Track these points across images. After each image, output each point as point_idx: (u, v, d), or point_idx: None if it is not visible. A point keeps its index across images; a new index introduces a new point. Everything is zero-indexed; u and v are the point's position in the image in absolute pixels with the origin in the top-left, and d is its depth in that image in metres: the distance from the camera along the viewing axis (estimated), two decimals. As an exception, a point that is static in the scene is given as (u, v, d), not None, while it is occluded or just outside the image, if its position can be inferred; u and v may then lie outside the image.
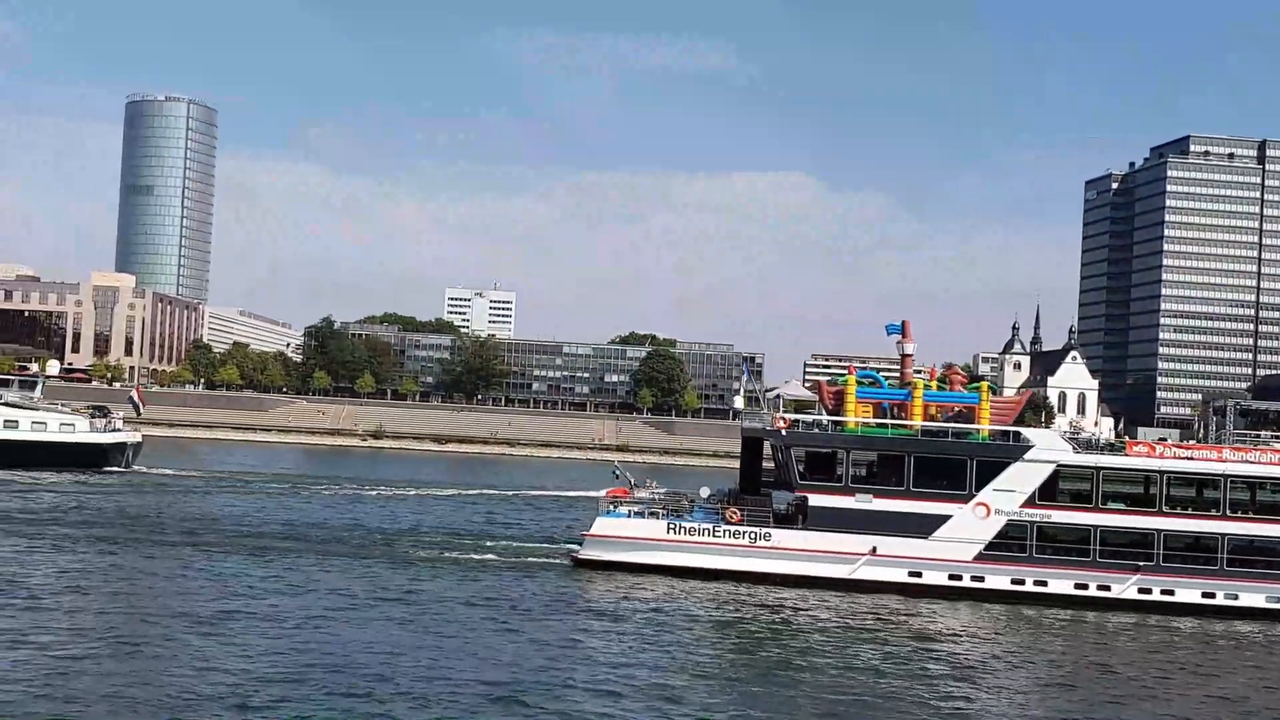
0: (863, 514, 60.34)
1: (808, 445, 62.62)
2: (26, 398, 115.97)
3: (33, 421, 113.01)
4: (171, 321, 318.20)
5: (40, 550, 61.40)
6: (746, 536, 60.70)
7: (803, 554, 60.34)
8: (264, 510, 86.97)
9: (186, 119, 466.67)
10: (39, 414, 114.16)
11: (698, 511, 63.97)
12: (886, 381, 71.93)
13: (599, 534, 62.15)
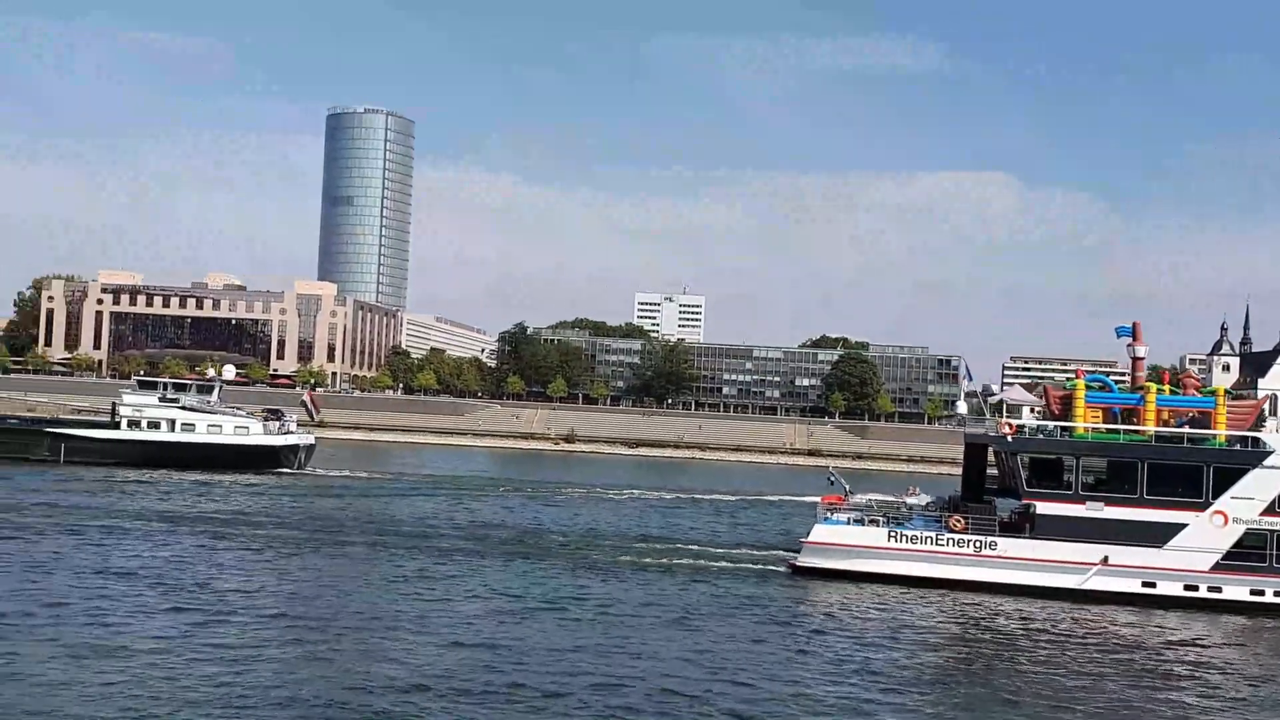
0: (1094, 522, 58.02)
1: (1035, 451, 59.73)
2: (204, 401, 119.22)
3: (209, 425, 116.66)
4: (371, 328, 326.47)
5: (222, 550, 62.35)
6: (971, 545, 58.23)
7: (1030, 563, 58.10)
8: (448, 512, 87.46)
9: (384, 130, 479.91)
10: (215, 417, 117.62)
11: (917, 519, 61.62)
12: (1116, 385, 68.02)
13: (818, 541, 60.27)
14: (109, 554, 58.68)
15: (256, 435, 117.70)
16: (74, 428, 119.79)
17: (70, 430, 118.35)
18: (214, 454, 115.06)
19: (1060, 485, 58.66)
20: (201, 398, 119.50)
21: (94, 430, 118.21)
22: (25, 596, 46.75)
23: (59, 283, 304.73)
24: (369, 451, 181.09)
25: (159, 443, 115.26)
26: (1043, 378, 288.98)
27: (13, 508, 75.98)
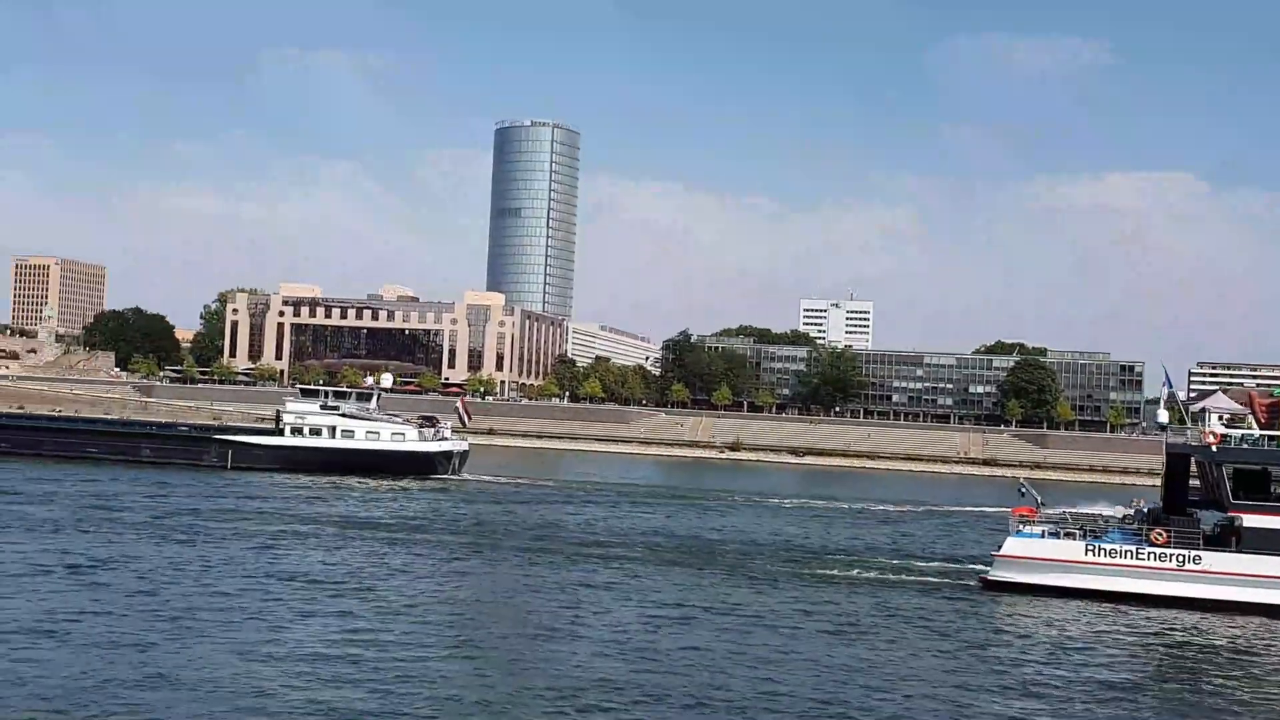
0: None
1: (1242, 462, 55.83)
2: (363, 409, 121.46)
3: (367, 431, 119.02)
4: (538, 337, 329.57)
5: (385, 555, 62.41)
6: (1174, 559, 54.73)
7: (1237, 578, 54.48)
8: (608, 519, 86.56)
9: (551, 143, 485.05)
10: (373, 424, 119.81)
11: (1113, 532, 58.12)
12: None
13: (1011, 555, 57.42)
14: (277, 557, 59.26)
15: (412, 442, 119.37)
16: (240, 434, 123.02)
17: (237, 437, 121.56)
18: (371, 460, 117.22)
19: (1268, 497, 55.14)
20: (361, 405, 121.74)
21: (259, 437, 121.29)
22: (198, 597, 47.35)
23: (243, 296, 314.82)
24: (535, 459, 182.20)
25: (320, 449, 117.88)
26: (1231, 383, 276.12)
27: (188, 511, 77.61)
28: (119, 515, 73.24)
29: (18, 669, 35.25)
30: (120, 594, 47.38)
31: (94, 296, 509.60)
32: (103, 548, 59.28)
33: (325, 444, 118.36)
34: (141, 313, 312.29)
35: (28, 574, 50.88)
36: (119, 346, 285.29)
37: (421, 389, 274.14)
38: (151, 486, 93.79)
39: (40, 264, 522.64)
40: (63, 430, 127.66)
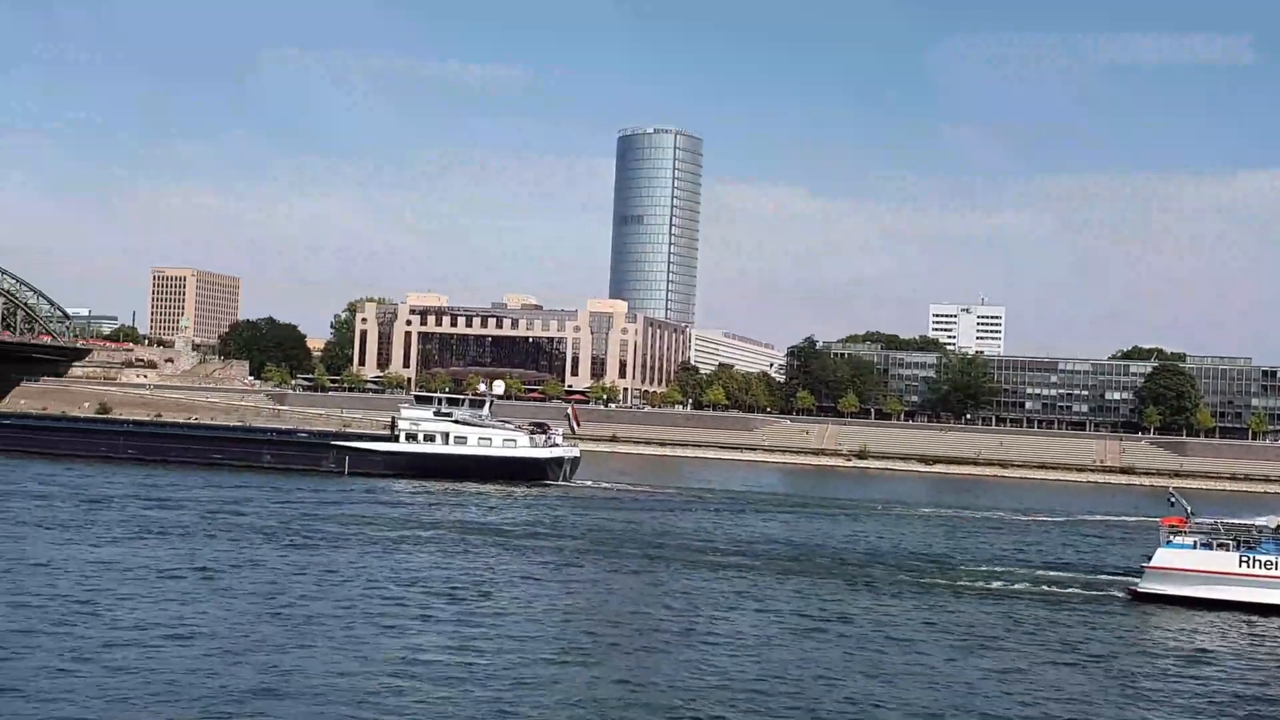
0: None
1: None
2: (476, 416, 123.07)
3: (479, 438, 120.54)
4: (661, 344, 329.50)
5: (501, 560, 62.56)
6: (1332, 572, 51.99)
7: None
8: (727, 526, 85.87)
9: (673, 150, 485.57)
10: (485, 431, 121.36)
11: (1268, 543, 55.52)
12: None
13: (1162, 566, 55.29)
14: (398, 562, 59.67)
15: (523, 448, 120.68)
16: (357, 441, 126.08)
17: (353, 443, 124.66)
18: (483, 465, 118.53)
19: None
20: (473, 412, 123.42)
21: (374, 443, 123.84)
22: (321, 601, 47.80)
23: (371, 305, 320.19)
24: (658, 466, 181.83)
25: (432, 455, 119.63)
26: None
27: (310, 516, 78.66)
28: (245, 520, 74.65)
29: (145, 670, 35.82)
30: (245, 597, 48.11)
31: (228, 307, 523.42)
32: (229, 552, 60.39)
33: (438, 450, 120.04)
34: (274, 322, 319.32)
35: (158, 578, 51.88)
36: (253, 355, 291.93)
37: (545, 396, 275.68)
38: (274, 491, 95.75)
39: (177, 275, 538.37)
40: (188, 437, 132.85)
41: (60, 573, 51.62)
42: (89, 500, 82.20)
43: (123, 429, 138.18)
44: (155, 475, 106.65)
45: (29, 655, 36.89)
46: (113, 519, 72.14)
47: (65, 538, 63.00)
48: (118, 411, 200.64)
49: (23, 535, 63.42)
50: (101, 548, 59.94)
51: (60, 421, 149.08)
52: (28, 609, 43.43)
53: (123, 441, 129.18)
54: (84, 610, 43.78)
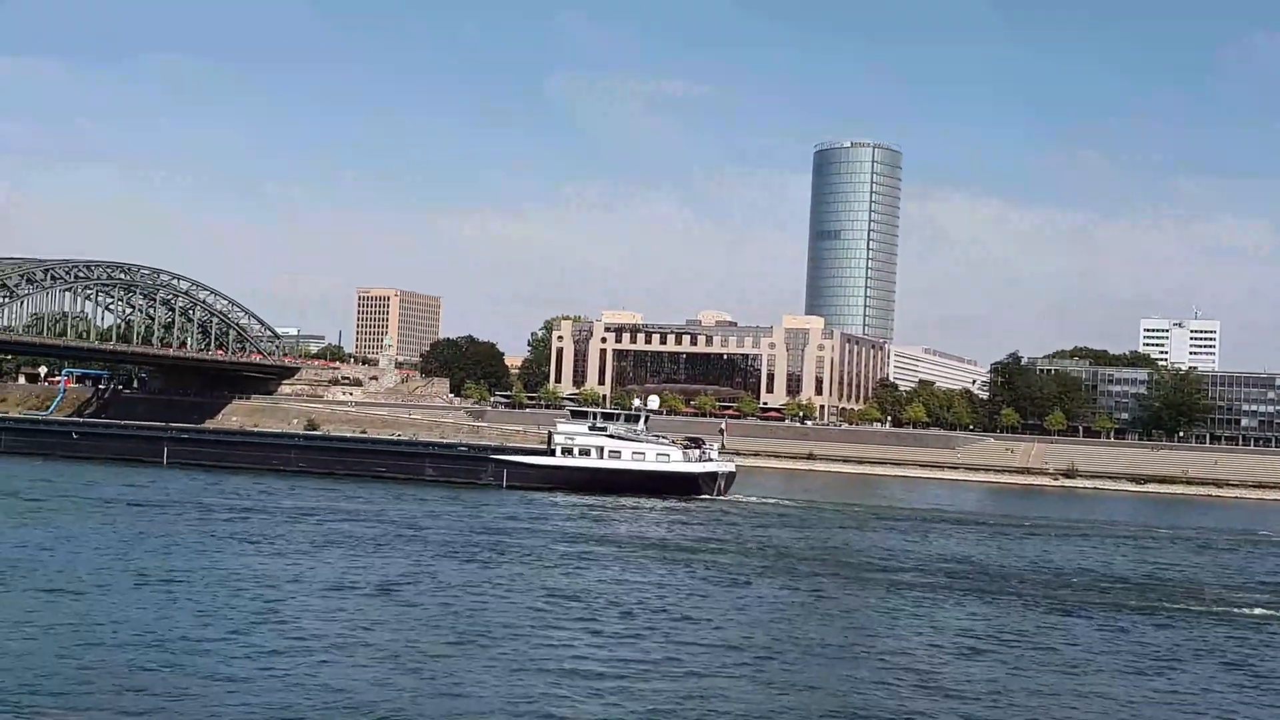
0: None
1: None
2: (631, 430, 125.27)
3: (633, 452, 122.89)
4: (858, 361, 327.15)
5: (667, 575, 63.48)
6: None
7: None
8: (912, 545, 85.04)
9: (871, 163, 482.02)
10: (638, 445, 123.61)
11: None
12: None
13: None
14: (567, 576, 61.08)
15: (676, 462, 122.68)
16: (515, 455, 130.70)
17: (511, 457, 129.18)
18: (636, 480, 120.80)
19: None
20: (629, 427, 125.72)
21: (531, 457, 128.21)
22: (483, 617, 49.04)
23: (567, 323, 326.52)
24: (859, 484, 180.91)
25: (586, 469, 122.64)
26: None
27: (479, 529, 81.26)
28: (415, 533, 77.36)
29: (319, 680, 37.38)
30: (413, 609, 49.74)
31: (430, 325, 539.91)
32: (401, 564, 62.49)
33: (592, 464, 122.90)
34: (474, 340, 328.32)
35: (334, 589, 54.05)
36: (453, 373, 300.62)
37: (740, 413, 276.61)
38: (439, 504, 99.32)
39: (381, 295, 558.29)
40: (354, 450, 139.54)
41: (245, 582, 54.38)
42: (272, 513, 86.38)
43: (293, 443, 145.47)
44: (326, 488, 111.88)
45: (202, 660, 39.05)
46: (298, 531, 75.71)
47: (253, 549, 66.38)
48: (325, 428, 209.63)
49: (214, 547, 66.91)
50: (286, 559, 62.96)
51: (234, 435, 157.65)
52: (210, 617, 45.97)
53: (293, 455, 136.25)
54: (262, 619, 46.18)
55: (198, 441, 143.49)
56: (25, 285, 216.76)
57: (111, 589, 51.73)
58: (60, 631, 42.20)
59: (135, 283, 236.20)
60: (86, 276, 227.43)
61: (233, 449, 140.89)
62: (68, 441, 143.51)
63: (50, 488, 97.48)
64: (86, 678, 36.08)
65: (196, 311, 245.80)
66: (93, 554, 61.19)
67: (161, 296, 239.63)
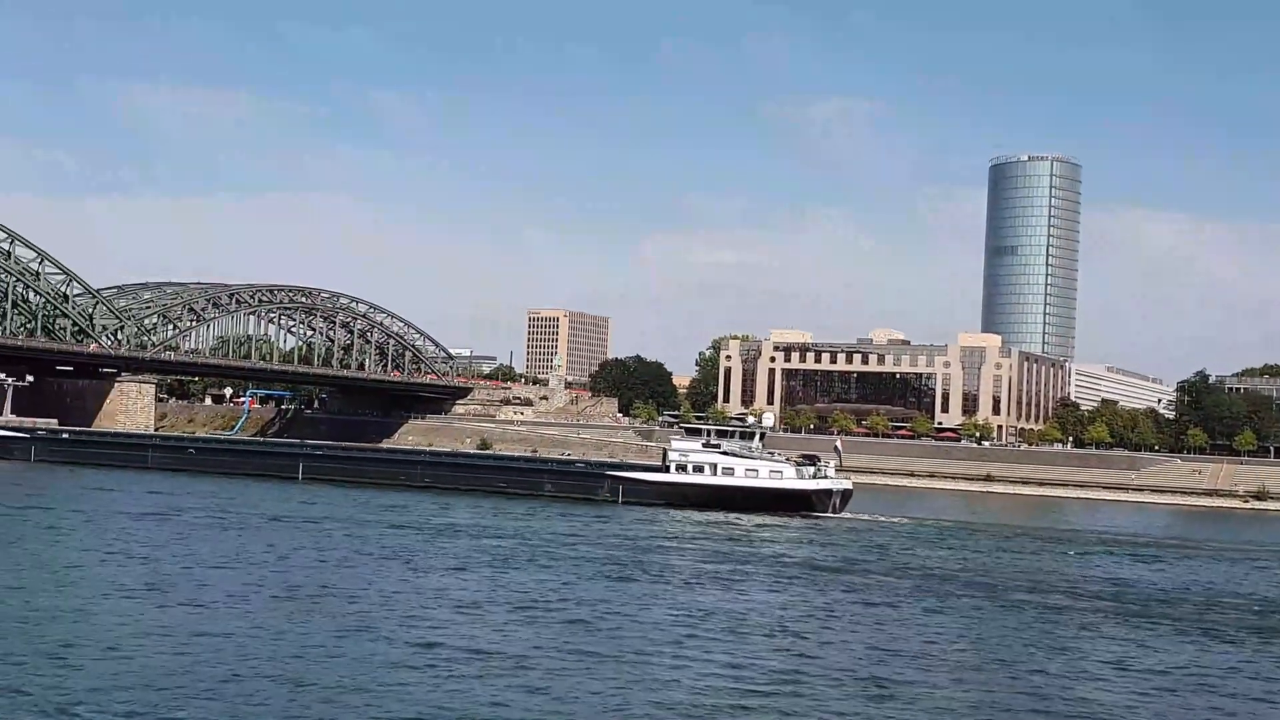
0: None
1: None
2: (745, 447, 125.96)
3: (745, 469, 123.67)
4: (1037, 380, 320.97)
5: (791, 594, 63.81)
6: None
7: None
8: (1062, 567, 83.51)
9: (1049, 177, 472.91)
10: (751, 462, 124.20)
11: None
12: None
13: None
14: (700, 595, 61.83)
15: (789, 479, 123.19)
16: (630, 471, 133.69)
17: (626, 473, 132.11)
18: (749, 496, 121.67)
19: None
20: (743, 444, 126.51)
21: (646, 473, 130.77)
22: (622, 632, 50.00)
23: (735, 343, 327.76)
24: (1037, 506, 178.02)
25: (700, 485, 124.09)
26: None
27: (610, 545, 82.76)
28: (558, 550, 79.19)
29: (447, 695, 38.27)
30: (556, 625, 50.73)
31: (598, 345, 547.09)
32: (547, 581, 64.01)
33: (705, 480, 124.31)
34: (642, 360, 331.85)
35: (464, 605, 55.30)
36: (621, 393, 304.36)
37: (914, 434, 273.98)
38: (558, 520, 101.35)
39: (550, 316, 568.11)
40: (477, 466, 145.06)
41: (383, 598, 56.04)
42: (419, 530, 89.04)
43: (419, 459, 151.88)
44: (452, 502, 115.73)
45: (329, 671, 40.39)
46: (441, 548, 77.91)
47: (392, 565, 68.39)
48: (497, 446, 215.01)
49: (356, 561, 69.22)
50: (427, 576, 64.73)
51: (365, 451, 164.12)
52: (349, 632, 47.46)
53: (419, 471, 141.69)
54: (398, 632, 47.53)
55: (331, 458, 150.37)
56: (212, 310, 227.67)
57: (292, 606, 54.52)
58: (220, 642, 44.36)
59: (316, 306, 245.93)
60: (270, 300, 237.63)
61: (363, 465, 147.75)
62: (211, 459, 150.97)
63: (213, 504, 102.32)
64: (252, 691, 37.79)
65: (374, 334, 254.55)
66: (250, 570, 64.24)
67: (341, 319, 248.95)
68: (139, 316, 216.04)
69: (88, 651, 41.29)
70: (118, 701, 35.26)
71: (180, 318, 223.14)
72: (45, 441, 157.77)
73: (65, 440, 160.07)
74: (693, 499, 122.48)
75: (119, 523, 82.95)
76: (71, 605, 49.94)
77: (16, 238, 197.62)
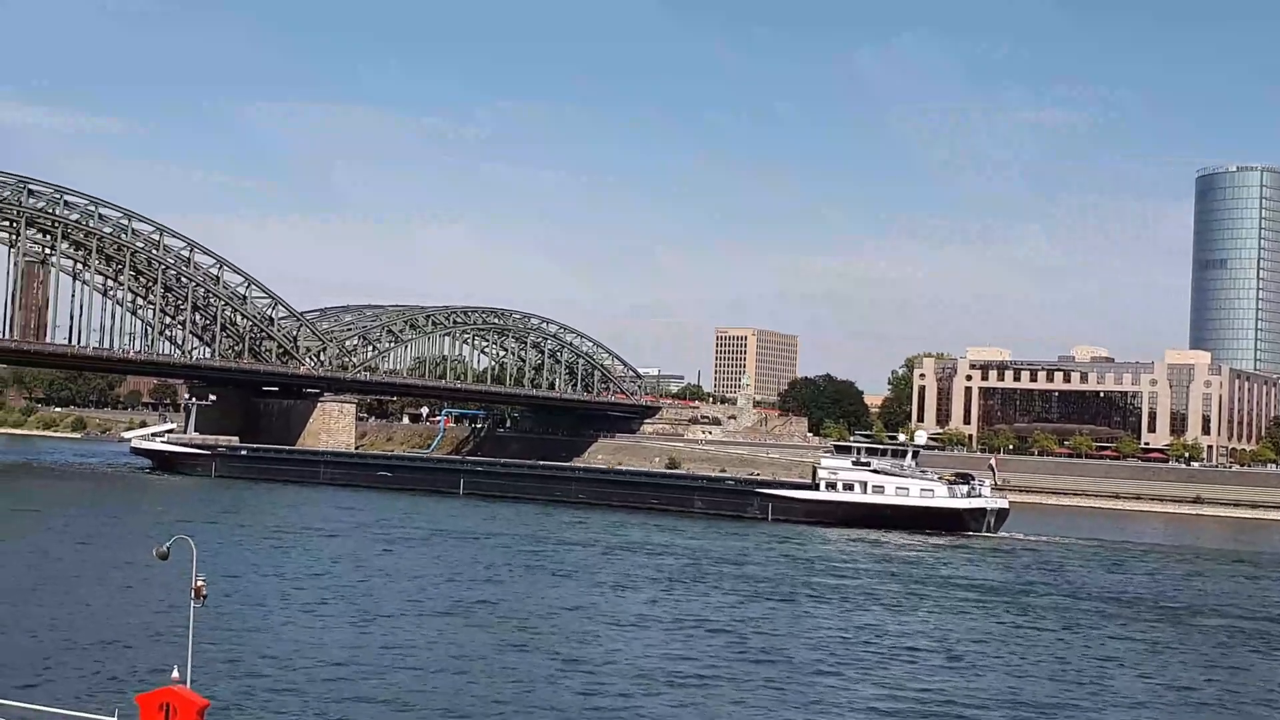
0: None
1: None
2: (896, 466, 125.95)
3: (896, 487, 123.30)
4: (1250, 398, 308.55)
5: (989, 618, 62.96)
6: None
7: None
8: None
9: (1260, 187, 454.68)
10: (902, 480, 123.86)
11: None
12: None
13: None
14: (881, 617, 61.62)
15: (940, 498, 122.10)
16: (779, 489, 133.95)
17: (776, 491, 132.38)
18: (899, 515, 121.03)
19: None
20: (895, 462, 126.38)
21: (795, 491, 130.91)
22: (780, 658, 49.95)
23: (929, 361, 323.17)
24: (1248, 529, 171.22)
25: (849, 503, 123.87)
26: None
27: (782, 563, 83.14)
28: (730, 568, 79.50)
29: (636, 713, 39.23)
30: (743, 648, 51.03)
31: (787, 364, 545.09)
32: (724, 600, 64.41)
33: (855, 498, 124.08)
34: (832, 379, 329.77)
35: (632, 624, 55.97)
36: (811, 412, 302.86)
37: (1119, 454, 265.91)
38: (713, 538, 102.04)
39: (738, 335, 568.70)
40: (629, 483, 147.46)
41: (557, 616, 57.24)
42: (592, 546, 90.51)
43: (574, 475, 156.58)
44: (608, 519, 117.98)
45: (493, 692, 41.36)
46: (631, 566, 79.15)
47: (565, 580, 69.77)
48: (685, 466, 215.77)
49: (528, 577, 70.83)
50: (598, 592, 65.97)
51: (521, 467, 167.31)
52: (524, 651, 48.62)
53: (574, 486, 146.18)
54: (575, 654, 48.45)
55: (489, 474, 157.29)
56: (409, 331, 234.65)
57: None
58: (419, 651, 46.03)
59: (508, 327, 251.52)
60: (464, 322, 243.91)
61: (520, 481, 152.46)
62: (385, 476, 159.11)
63: (393, 519, 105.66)
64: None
65: (564, 354, 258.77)
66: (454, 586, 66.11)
67: (532, 340, 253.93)
68: (340, 338, 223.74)
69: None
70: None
71: (379, 339, 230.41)
72: (225, 458, 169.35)
73: (244, 456, 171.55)
74: (842, 517, 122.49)
75: (306, 540, 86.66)
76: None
77: (225, 263, 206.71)
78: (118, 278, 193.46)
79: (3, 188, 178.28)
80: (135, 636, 46.35)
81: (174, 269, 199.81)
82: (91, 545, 76.75)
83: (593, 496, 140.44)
